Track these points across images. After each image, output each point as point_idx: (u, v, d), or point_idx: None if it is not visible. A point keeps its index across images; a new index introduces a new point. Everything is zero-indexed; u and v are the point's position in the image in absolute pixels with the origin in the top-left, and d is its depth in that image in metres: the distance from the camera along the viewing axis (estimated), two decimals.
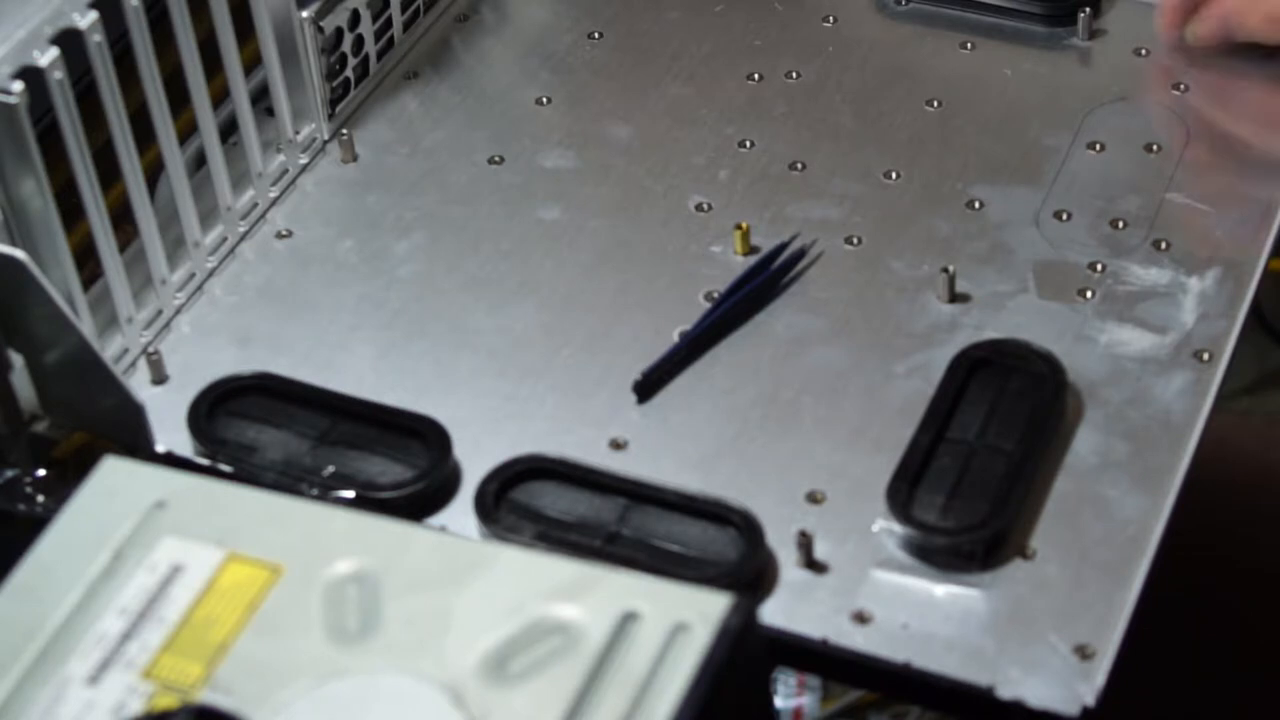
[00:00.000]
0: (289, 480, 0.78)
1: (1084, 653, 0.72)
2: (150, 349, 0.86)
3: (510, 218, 0.92)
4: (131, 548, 0.68)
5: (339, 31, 0.95)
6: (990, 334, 0.84)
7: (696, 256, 0.90)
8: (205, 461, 0.80)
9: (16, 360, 0.80)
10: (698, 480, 0.79)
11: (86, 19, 0.81)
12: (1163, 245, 0.89)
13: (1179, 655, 1.07)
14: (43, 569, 0.68)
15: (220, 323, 0.88)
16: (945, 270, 0.86)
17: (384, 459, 0.79)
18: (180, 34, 0.86)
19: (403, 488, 0.78)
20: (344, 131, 0.96)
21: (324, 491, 0.78)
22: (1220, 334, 0.84)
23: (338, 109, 0.96)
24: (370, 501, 0.77)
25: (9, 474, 0.80)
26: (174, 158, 0.87)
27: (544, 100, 0.99)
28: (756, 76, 0.99)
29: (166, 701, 0.64)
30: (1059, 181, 0.92)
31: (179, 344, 0.87)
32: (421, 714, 0.63)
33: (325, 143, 0.96)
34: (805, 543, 0.76)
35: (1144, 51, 0.99)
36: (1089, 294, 0.86)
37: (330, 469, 0.79)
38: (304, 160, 0.95)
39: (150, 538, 0.69)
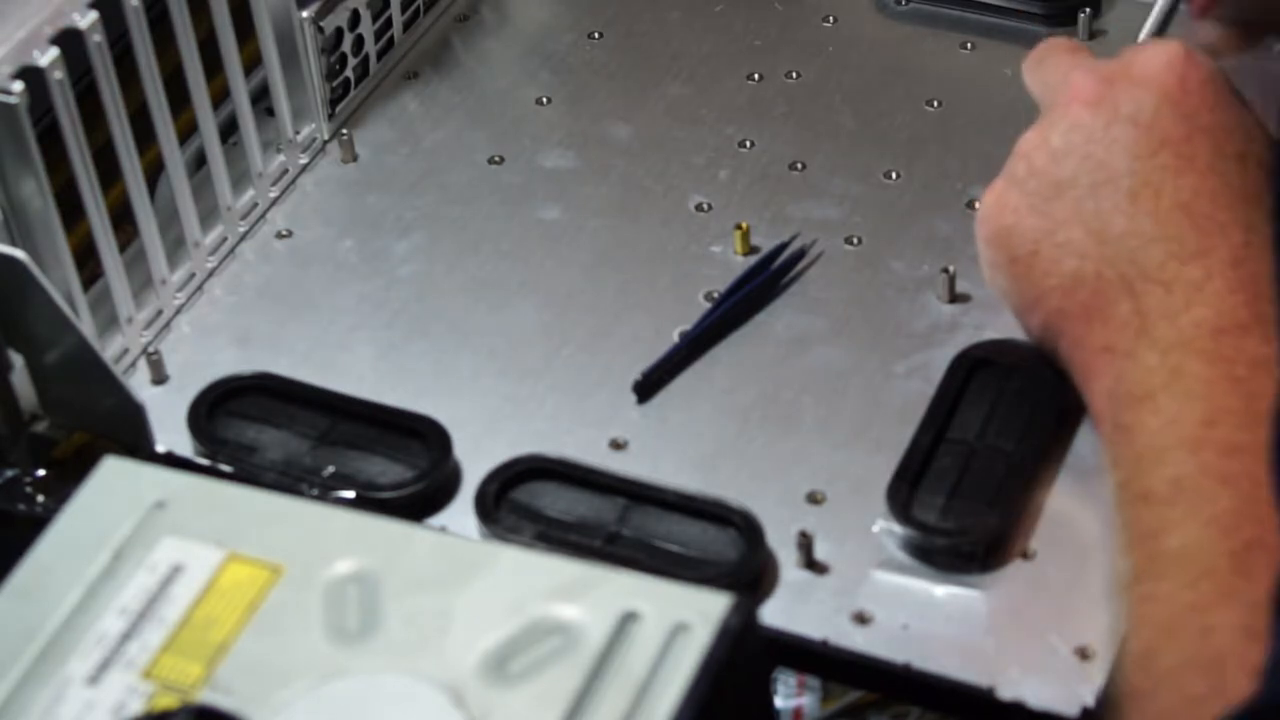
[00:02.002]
0: (289, 480, 0.78)
1: (1084, 653, 0.72)
2: (150, 349, 0.86)
3: (510, 218, 0.92)
4: (131, 548, 0.68)
5: (339, 31, 0.95)
6: (990, 334, 0.84)
7: (696, 256, 0.90)
8: (205, 461, 0.80)
9: (16, 360, 0.80)
10: (698, 480, 0.79)
11: (86, 19, 0.81)
12: None
13: None
14: (43, 569, 0.68)
15: (220, 323, 0.88)
16: (945, 270, 0.86)
17: (384, 459, 0.79)
18: (180, 34, 0.86)
19: (403, 488, 0.78)
20: (344, 131, 0.96)
21: (324, 491, 0.78)
22: None
23: (338, 109, 0.96)
24: (370, 501, 0.77)
25: (9, 474, 0.80)
26: (174, 158, 0.87)
27: (544, 100, 0.99)
28: (756, 76, 0.99)
29: (166, 701, 0.64)
30: None
31: (179, 344, 0.87)
32: (421, 714, 0.63)
33: (325, 143, 0.96)
34: (805, 543, 0.76)
35: None
36: None
37: (330, 469, 0.79)
38: (304, 160, 0.95)
39: (150, 538, 0.68)
